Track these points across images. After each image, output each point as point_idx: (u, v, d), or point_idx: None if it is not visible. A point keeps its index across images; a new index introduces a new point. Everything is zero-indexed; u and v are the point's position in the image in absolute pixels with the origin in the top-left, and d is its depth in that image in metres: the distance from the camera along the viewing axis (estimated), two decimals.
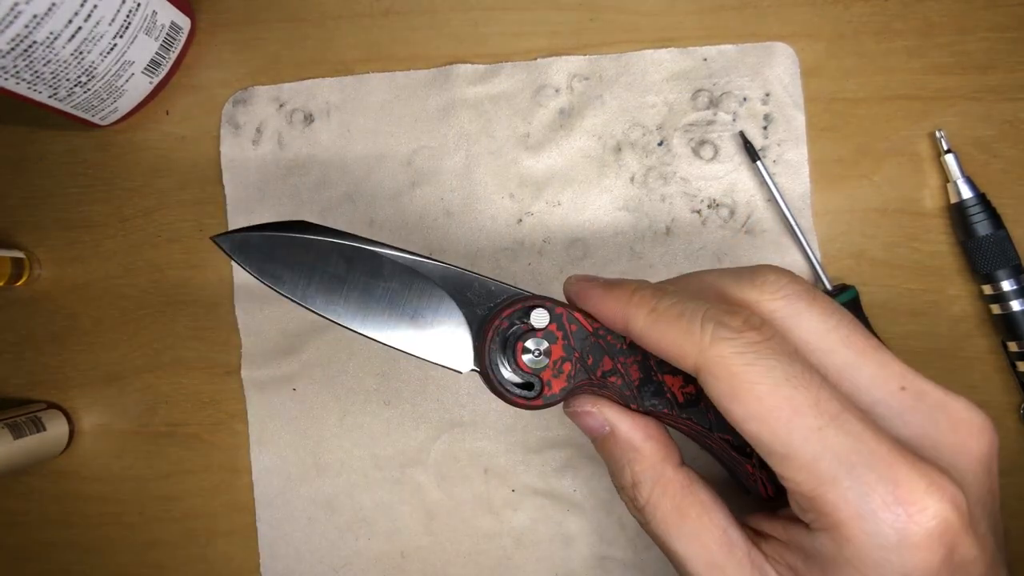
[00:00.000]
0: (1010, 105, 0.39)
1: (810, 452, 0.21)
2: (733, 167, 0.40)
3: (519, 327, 0.27)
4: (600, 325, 0.27)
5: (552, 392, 0.27)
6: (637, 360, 0.27)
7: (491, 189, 0.41)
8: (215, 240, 0.27)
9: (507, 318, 0.27)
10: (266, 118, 0.42)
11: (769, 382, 0.22)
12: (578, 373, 0.27)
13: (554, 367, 0.27)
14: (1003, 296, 0.37)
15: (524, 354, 0.26)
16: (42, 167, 0.44)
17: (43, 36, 0.33)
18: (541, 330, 0.26)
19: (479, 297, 0.28)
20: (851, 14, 0.40)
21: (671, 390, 0.27)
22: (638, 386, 0.27)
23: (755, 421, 0.22)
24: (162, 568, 0.43)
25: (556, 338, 0.27)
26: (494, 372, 0.27)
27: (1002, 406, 0.39)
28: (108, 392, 0.43)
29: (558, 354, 0.27)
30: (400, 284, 0.27)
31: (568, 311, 0.27)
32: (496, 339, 0.27)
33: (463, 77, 0.41)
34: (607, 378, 0.27)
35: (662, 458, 0.27)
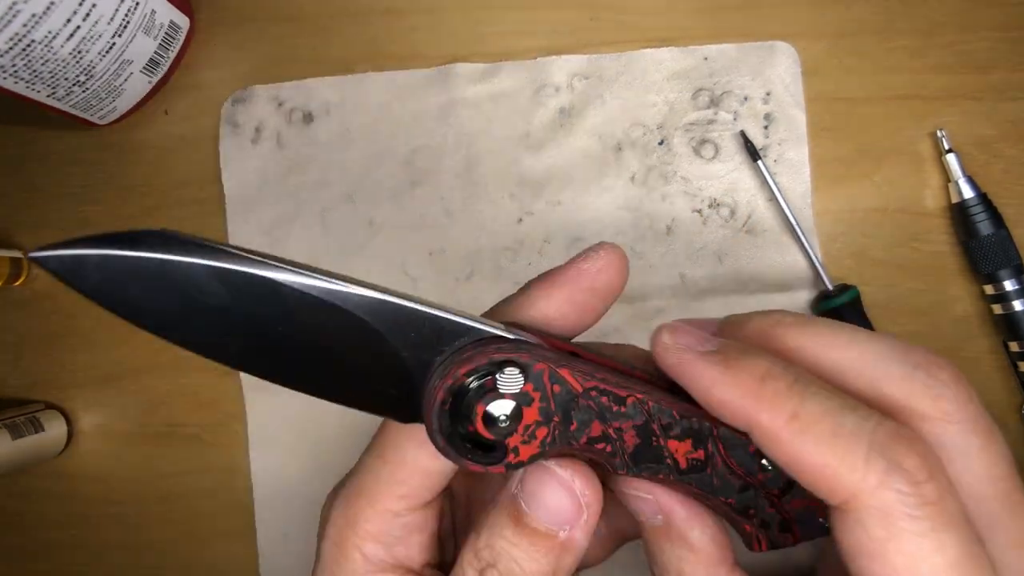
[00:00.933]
0: (1012, 105, 0.39)
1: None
2: (734, 166, 0.40)
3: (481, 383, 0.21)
4: (595, 385, 0.21)
5: (519, 459, 0.21)
6: (636, 425, 0.22)
7: (491, 188, 0.41)
8: (34, 259, 0.18)
9: (465, 375, 0.20)
10: (265, 117, 0.42)
11: (935, 562, 0.18)
12: (556, 440, 0.21)
13: (525, 432, 0.21)
14: (1005, 296, 0.37)
15: (485, 423, 0.20)
16: (42, 167, 0.43)
17: (41, 35, 0.33)
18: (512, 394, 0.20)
19: (428, 338, 0.20)
20: (852, 13, 0.40)
21: (673, 456, 0.22)
22: (632, 452, 0.22)
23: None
24: (161, 568, 0.43)
25: (532, 400, 0.21)
26: (443, 435, 0.21)
27: (1003, 406, 0.39)
28: (107, 392, 0.43)
29: (532, 418, 0.21)
30: (314, 321, 0.20)
31: (551, 368, 0.21)
32: (448, 400, 0.20)
33: (463, 76, 0.41)
34: (593, 444, 0.21)
35: (717, 560, 0.22)
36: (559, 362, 0.21)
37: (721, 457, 0.22)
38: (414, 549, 0.24)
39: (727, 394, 0.20)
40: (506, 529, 0.22)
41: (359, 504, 0.24)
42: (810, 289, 0.39)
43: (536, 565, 0.21)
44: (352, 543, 0.24)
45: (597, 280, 0.23)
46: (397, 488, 0.23)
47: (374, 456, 0.24)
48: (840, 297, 0.38)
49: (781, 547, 0.24)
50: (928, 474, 0.18)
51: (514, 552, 0.21)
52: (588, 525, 0.22)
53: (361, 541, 0.24)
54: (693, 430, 0.22)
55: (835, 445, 0.18)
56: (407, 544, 0.24)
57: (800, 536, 0.23)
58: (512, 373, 0.20)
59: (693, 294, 0.40)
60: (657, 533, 0.23)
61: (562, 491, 0.21)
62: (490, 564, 0.22)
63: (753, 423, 0.19)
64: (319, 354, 0.20)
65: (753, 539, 0.24)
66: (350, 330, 0.20)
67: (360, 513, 0.24)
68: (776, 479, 0.23)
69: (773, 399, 0.19)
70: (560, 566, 0.22)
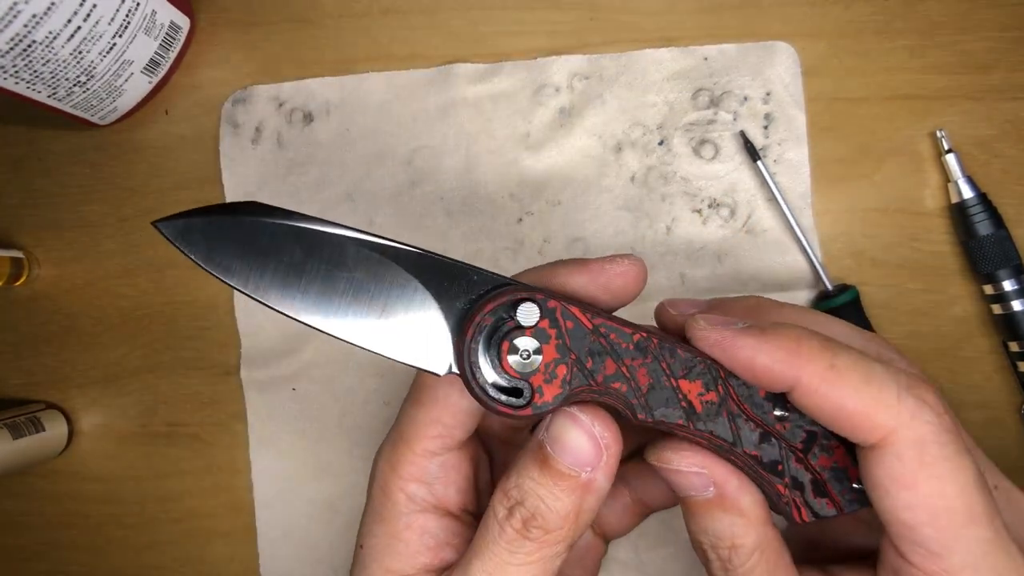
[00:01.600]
0: (1011, 105, 0.39)
1: (970, 562, 0.21)
2: (734, 166, 0.40)
3: (505, 324, 0.23)
4: (603, 321, 0.23)
5: (544, 400, 0.23)
6: (646, 363, 0.23)
7: (491, 188, 0.41)
8: (156, 226, 0.23)
9: (490, 313, 0.23)
10: (265, 117, 0.42)
11: (959, 482, 0.21)
12: (575, 378, 0.23)
13: (546, 371, 0.23)
14: (1004, 296, 0.37)
15: (510, 356, 0.23)
16: (42, 167, 0.43)
17: (42, 35, 0.33)
18: (530, 328, 0.23)
19: (459, 288, 0.24)
20: (852, 13, 0.40)
21: (687, 397, 0.23)
22: (646, 393, 0.23)
23: (924, 513, 0.21)
24: (161, 568, 0.43)
25: (549, 337, 0.23)
26: (475, 376, 0.23)
27: (1002, 406, 0.39)
28: (107, 392, 0.43)
29: (551, 356, 0.23)
30: (367, 274, 0.23)
31: (563, 305, 0.23)
32: (477, 338, 0.23)
33: (463, 76, 0.41)
34: (609, 384, 0.23)
35: (765, 519, 0.24)
36: (569, 301, 0.23)
37: (734, 400, 0.24)
38: (451, 489, 0.27)
39: (769, 358, 0.22)
40: (533, 470, 0.24)
41: (400, 449, 0.27)
42: (810, 289, 0.39)
43: (559, 504, 0.23)
44: (396, 485, 0.26)
45: (614, 282, 0.25)
46: (432, 428, 0.26)
47: (411, 403, 0.27)
48: (840, 297, 0.38)
49: (825, 517, 0.24)
50: (944, 408, 0.21)
51: (540, 491, 0.23)
52: (608, 467, 0.24)
53: (404, 483, 0.26)
54: (700, 371, 0.23)
55: (870, 389, 0.21)
56: (445, 483, 0.27)
57: (842, 505, 0.24)
58: (529, 308, 0.23)
59: (693, 294, 0.40)
60: (709, 505, 0.24)
61: (583, 434, 0.23)
62: (518, 502, 0.23)
63: (795, 380, 0.22)
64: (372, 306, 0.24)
65: (791, 505, 0.24)
66: (396, 282, 0.24)
67: (402, 457, 0.26)
68: (795, 432, 0.24)
69: (810, 356, 0.22)
70: (583, 506, 0.23)
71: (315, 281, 0.23)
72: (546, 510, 0.23)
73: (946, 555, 0.21)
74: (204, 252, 0.23)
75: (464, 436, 0.27)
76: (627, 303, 0.26)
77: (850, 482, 0.24)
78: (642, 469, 0.32)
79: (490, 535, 0.24)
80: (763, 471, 0.24)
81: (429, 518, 0.26)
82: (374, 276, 0.24)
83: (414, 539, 0.26)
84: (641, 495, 0.32)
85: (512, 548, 0.23)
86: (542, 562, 0.24)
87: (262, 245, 0.23)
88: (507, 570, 0.23)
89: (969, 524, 0.21)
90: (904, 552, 0.22)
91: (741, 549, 0.24)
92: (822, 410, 0.22)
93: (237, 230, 0.23)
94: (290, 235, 0.23)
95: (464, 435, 0.27)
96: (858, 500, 0.24)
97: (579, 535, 0.24)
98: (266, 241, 0.23)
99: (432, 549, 0.26)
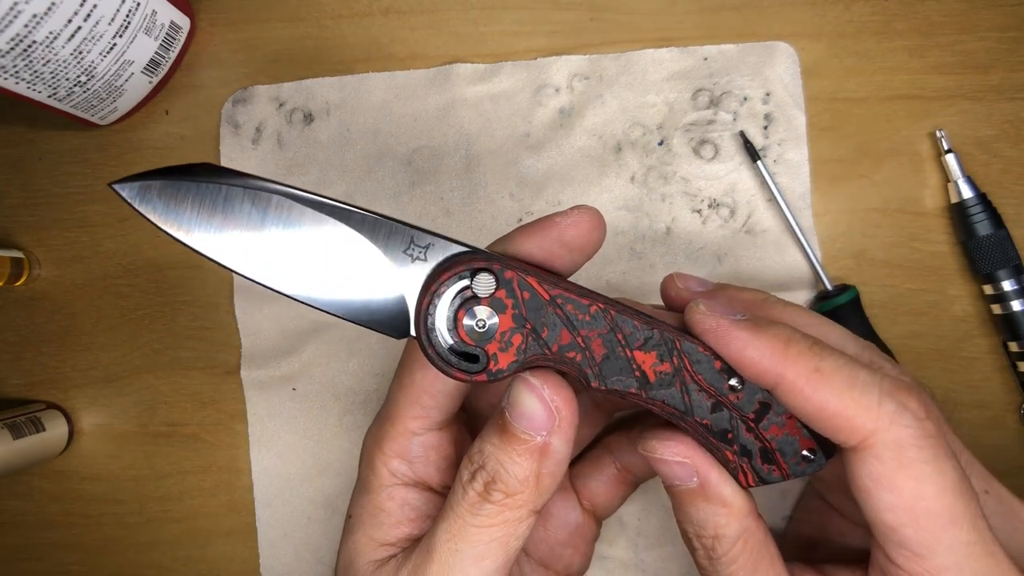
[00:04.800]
0: (1011, 105, 0.39)
1: (952, 564, 0.21)
2: (733, 167, 0.40)
3: (462, 293, 0.24)
4: (560, 292, 0.24)
5: (499, 367, 0.24)
6: (602, 334, 0.24)
7: (491, 188, 0.41)
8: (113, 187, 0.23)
9: (447, 282, 0.23)
10: (266, 117, 0.42)
11: (938, 484, 0.21)
12: (530, 347, 0.24)
13: (501, 339, 0.24)
14: (1004, 296, 0.37)
15: (466, 323, 0.23)
16: (42, 167, 0.44)
17: (42, 36, 0.33)
18: (486, 298, 0.23)
19: (419, 255, 0.24)
20: (852, 13, 0.40)
21: (641, 367, 0.24)
22: (600, 363, 0.24)
23: (904, 515, 0.22)
24: (162, 568, 0.43)
25: (505, 306, 0.23)
26: (431, 342, 0.24)
27: (1002, 406, 0.39)
28: (107, 392, 0.43)
29: (507, 325, 0.23)
30: (327, 239, 0.24)
31: (520, 275, 0.23)
32: (433, 306, 0.23)
33: (463, 76, 0.41)
34: (564, 353, 0.24)
35: (748, 511, 0.25)
36: (527, 271, 0.24)
37: (688, 373, 0.24)
38: (432, 467, 0.28)
39: (758, 353, 0.23)
40: (494, 436, 0.24)
41: (384, 427, 0.28)
42: (809, 289, 0.39)
43: (517, 467, 0.24)
44: (380, 461, 0.28)
45: (566, 233, 0.26)
46: (413, 409, 0.27)
47: (396, 385, 0.28)
48: (839, 297, 0.38)
49: (771, 482, 0.25)
50: (927, 413, 0.22)
51: (499, 456, 0.24)
52: (563, 432, 0.24)
53: (387, 459, 0.28)
54: (656, 342, 0.24)
55: (852, 393, 0.22)
56: (425, 462, 0.28)
57: (789, 470, 0.25)
58: (485, 278, 0.23)
59: None
60: (693, 495, 0.25)
61: (536, 400, 0.24)
62: (480, 467, 0.24)
63: (780, 378, 0.23)
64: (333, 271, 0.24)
65: (738, 470, 0.25)
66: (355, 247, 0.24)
67: (385, 435, 0.28)
68: (749, 402, 0.24)
69: (797, 357, 0.23)
70: (542, 471, 0.24)
71: (274, 244, 0.23)
72: (505, 474, 0.24)
73: (928, 556, 0.22)
74: (162, 214, 0.23)
75: (443, 417, 0.28)
76: (590, 255, 0.27)
77: (800, 450, 0.25)
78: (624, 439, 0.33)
79: (455, 498, 0.25)
80: (713, 439, 0.25)
81: (410, 491, 0.28)
82: (334, 242, 0.24)
83: (395, 509, 0.27)
84: (626, 464, 0.33)
85: (474, 511, 0.24)
86: (504, 525, 0.24)
87: (220, 207, 0.23)
88: (469, 531, 0.24)
89: (950, 526, 0.21)
90: (889, 553, 0.22)
91: (724, 539, 0.25)
92: (804, 410, 0.23)
93: (195, 192, 0.23)
94: (247, 197, 0.23)
95: (443, 416, 0.28)
96: (807, 467, 0.25)
97: (542, 501, 0.25)
98: (224, 203, 0.23)
99: (413, 520, 0.27)
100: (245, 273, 0.23)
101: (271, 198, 0.23)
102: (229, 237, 0.23)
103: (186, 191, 0.23)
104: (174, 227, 0.23)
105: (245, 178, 0.23)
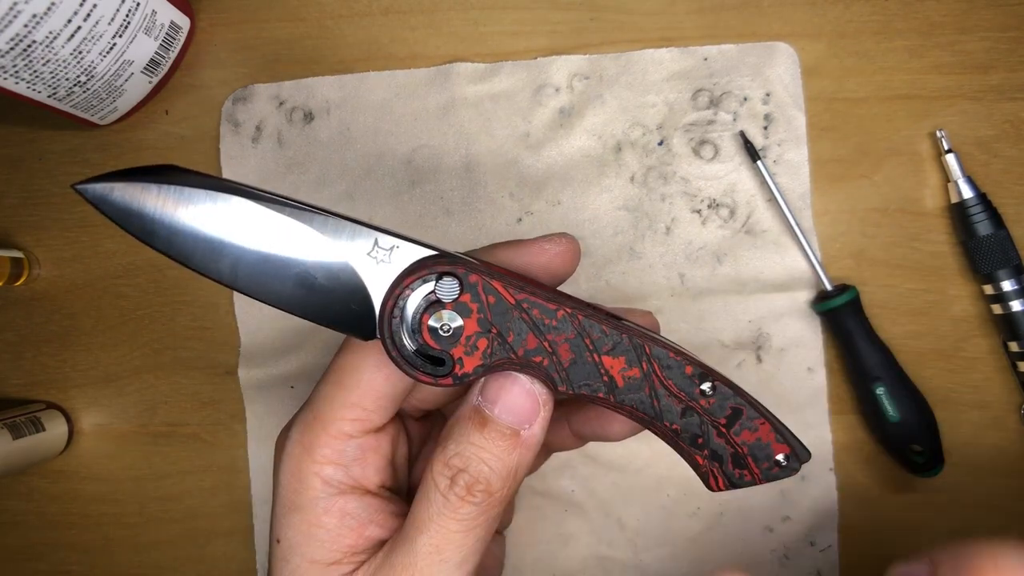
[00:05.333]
0: (1011, 105, 0.39)
1: None
2: (733, 167, 0.40)
3: (426, 297, 0.23)
4: (526, 296, 0.23)
5: (464, 371, 0.24)
6: (569, 339, 0.24)
7: (491, 188, 0.41)
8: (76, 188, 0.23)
9: (411, 286, 0.23)
10: (266, 116, 0.42)
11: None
12: (495, 352, 0.24)
13: (467, 343, 0.23)
14: (1004, 296, 0.37)
15: (431, 327, 0.23)
16: (42, 167, 0.44)
17: (42, 36, 0.33)
18: (451, 302, 0.23)
19: (383, 257, 0.24)
20: (852, 13, 0.40)
21: (609, 372, 0.24)
22: (568, 367, 0.24)
23: None
24: (161, 568, 0.43)
25: (470, 311, 0.23)
26: (396, 345, 0.23)
27: (1002, 406, 0.39)
28: (107, 392, 0.43)
29: (472, 329, 0.23)
30: (291, 242, 0.23)
31: (484, 279, 0.23)
32: (399, 309, 0.23)
33: (463, 76, 0.41)
34: (530, 357, 0.24)
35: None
36: (491, 275, 0.23)
37: (658, 377, 0.24)
38: (369, 470, 0.26)
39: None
40: (473, 435, 0.24)
41: (315, 430, 0.26)
42: (809, 289, 0.39)
43: (502, 463, 0.24)
44: (310, 470, 0.26)
45: (553, 262, 0.26)
46: (352, 411, 0.26)
47: (330, 384, 0.26)
48: (839, 297, 0.38)
49: (741, 486, 0.25)
50: None
51: (482, 454, 0.24)
52: (544, 420, 0.24)
53: (319, 466, 0.26)
54: (624, 347, 0.24)
55: None
56: (363, 465, 0.26)
57: (762, 475, 0.25)
58: (450, 282, 0.23)
59: (692, 294, 0.40)
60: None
61: (524, 393, 0.24)
62: (461, 469, 0.24)
63: None
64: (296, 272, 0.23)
65: (709, 474, 0.25)
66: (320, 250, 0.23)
67: (316, 439, 0.26)
68: (720, 408, 0.24)
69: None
70: (522, 461, 0.24)
71: (238, 249, 0.23)
72: (489, 472, 0.24)
73: None
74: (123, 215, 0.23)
75: (383, 421, 0.27)
76: (563, 280, 0.27)
77: (774, 455, 0.24)
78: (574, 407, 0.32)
79: (434, 508, 0.24)
80: (683, 443, 0.25)
81: (348, 500, 0.26)
82: (299, 245, 0.23)
83: (334, 524, 0.26)
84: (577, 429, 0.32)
85: (457, 516, 0.24)
86: (485, 523, 0.24)
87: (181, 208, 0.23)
88: (453, 539, 0.24)
89: None
90: None
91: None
92: None
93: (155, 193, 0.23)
94: (207, 200, 0.23)
95: (383, 420, 0.26)
96: (780, 472, 0.24)
97: (515, 492, 0.25)
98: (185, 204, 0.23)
99: (355, 530, 0.26)
100: (209, 274, 0.23)
101: (231, 199, 0.23)
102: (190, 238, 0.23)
103: (146, 192, 0.23)
104: (136, 228, 0.23)
105: (207, 179, 0.23)
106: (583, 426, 0.30)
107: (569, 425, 0.31)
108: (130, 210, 0.23)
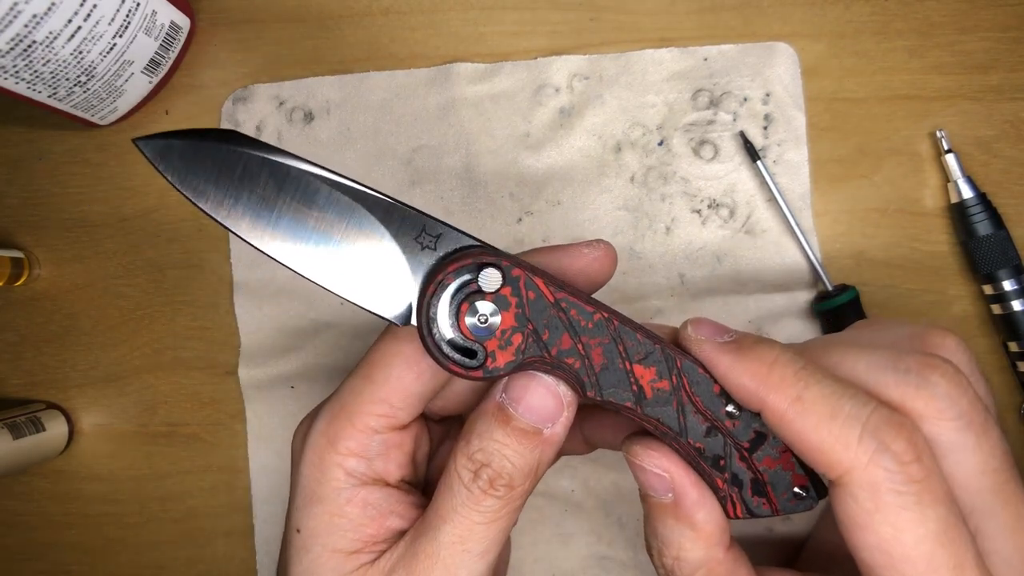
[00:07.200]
0: (1011, 105, 0.39)
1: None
2: (733, 167, 0.40)
3: (467, 286, 0.23)
4: (565, 296, 0.23)
5: (496, 365, 0.23)
6: (603, 343, 0.24)
7: (491, 188, 0.41)
8: (136, 143, 0.23)
9: (454, 273, 0.23)
10: (266, 116, 0.42)
11: (917, 532, 0.20)
12: (529, 348, 0.23)
13: (502, 337, 0.23)
14: (1004, 296, 0.37)
15: (468, 317, 0.23)
16: (42, 167, 0.44)
17: (42, 36, 0.33)
18: (491, 293, 0.23)
19: (428, 242, 0.24)
20: (851, 14, 0.40)
21: (639, 382, 0.24)
22: (599, 372, 0.24)
23: (880, 556, 0.20)
24: (161, 568, 0.43)
25: (509, 304, 0.23)
26: (431, 332, 0.23)
27: (1002, 406, 0.39)
28: (107, 392, 0.43)
29: (508, 323, 0.23)
30: (337, 216, 0.24)
31: (527, 274, 0.23)
32: (439, 295, 0.23)
33: (463, 76, 0.41)
34: (563, 358, 0.24)
35: (717, 540, 0.24)
36: (534, 271, 0.23)
37: (686, 392, 0.24)
38: (392, 465, 0.27)
39: (740, 378, 0.22)
40: (496, 431, 0.24)
41: (340, 423, 0.26)
42: (809, 289, 0.39)
43: (524, 460, 0.24)
44: (333, 461, 0.26)
45: (591, 267, 0.26)
46: (379, 407, 0.26)
47: (360, 378, 0.27)
48: (839, 297, 0.38)
49: (759, 515, 0.24)
50: (915, 456, 0.20)
51: (505, 451, 0.24)
52: (567, 420, 0.24)
53: (342, 458, 0.26)
54: (656, 358, 0.24)
55: (832, 426, 0.21)
56: (385, 460, 0.27)
57: (779, 506, 0.24)
58: (491, 273, 0.23)
59: (692, 294, 0.40)
60: (664, 509, 0.24)
61: (548, 394, 0.24)
62: (484, 464, 0.24)
63: (762, 404, 0.22)
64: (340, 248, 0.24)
65: (728, 500, 0.24)
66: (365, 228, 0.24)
67: (341, 431, 0.26)
68: (745, 430, 0.24)
69: (780, 383, 0.22)
70: (543, 459, 0.25)
71: (286, 216, 0.23)
72: (511, 468, 0.24)
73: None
74: (181, 174, 0.23)
75: (409, 419, 0.27)
76: (600, 286, 0.27)
77: (792, 486, 0.24)
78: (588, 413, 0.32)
79: (457, 499, 0.24)
80: (704, 464, 0.24)
81: (371, 491, 0.26)
82: (344, 219, 0.24)
83: (356, 513, 0.26)
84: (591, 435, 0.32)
85: (481, 509, 0.24)
86: (507, 516, 0.24)
87: (238, 174, 0.23)
88: (476, 530, 0.24)
89: (927, 573, 0.20)
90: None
91: (684, 563, 0.24)
92: (786, 437, 0.22)
93: (215, 156, 0.23)
94: (265, 167, 0.23)
95: (409, 418, 0.27)
96: (797, 504, 0.24)
97: (535, 486, 0.25)
98: (242, 170, 0.23)
99: (376, 520, 0.26)
100: (253, 242, 0.23)
101: (289, 170, 0.23)
102: (243, 204, 0.23)
103: (206, 154, 0.23)
104: (190, 189, 0.23)
105: (267, 149, 0.23)
106: (594, 433, 0.30)
107: (582, 431, 0.31)
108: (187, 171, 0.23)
